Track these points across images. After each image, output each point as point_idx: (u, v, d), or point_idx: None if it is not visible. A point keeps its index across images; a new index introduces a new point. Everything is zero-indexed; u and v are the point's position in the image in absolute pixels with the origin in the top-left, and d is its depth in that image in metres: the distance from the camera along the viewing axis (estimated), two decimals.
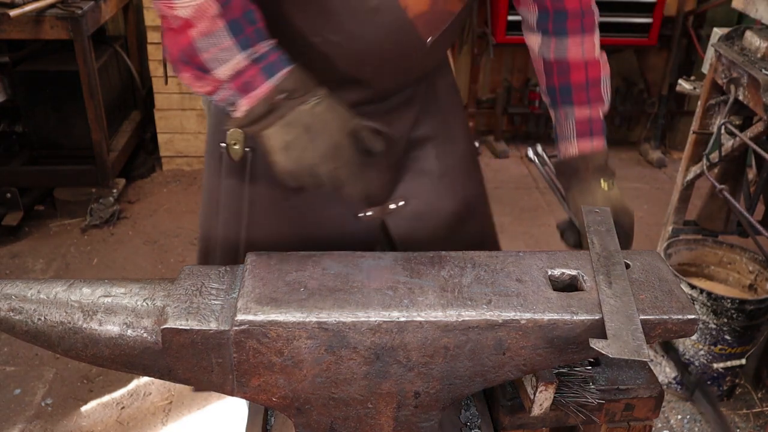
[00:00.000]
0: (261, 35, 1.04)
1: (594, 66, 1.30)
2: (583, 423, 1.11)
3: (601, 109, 1.31)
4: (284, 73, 1.03)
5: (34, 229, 3.52)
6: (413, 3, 1.13)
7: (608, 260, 1.01)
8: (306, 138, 1.02)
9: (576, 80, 1.29)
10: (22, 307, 0.91)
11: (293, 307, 0.89)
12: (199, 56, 1.01)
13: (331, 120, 1.05)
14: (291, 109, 1.02)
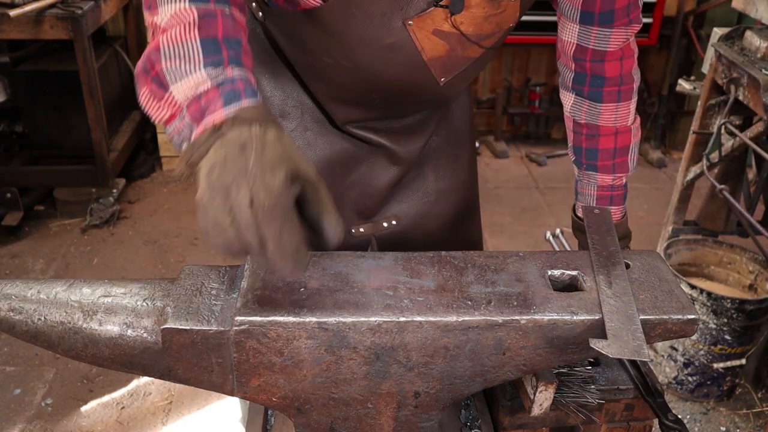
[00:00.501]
0: (237, 62, 0.89)
1: (625, 134, 1.27)
2: (583, 423, 1.11)
3: (625, 177, 1.30)
4: (245, 105, 0.84)
5: (34, 229, 3.52)
6: (429, 47, 1.10)
7: (608, 260, 1.01)
8: (236, 154, 0.79)
9: (604, 146, 1.27)
10: (22, 307, 0.91)
11: (293, 306, 0.89)
12: (161, 63, 0.87)
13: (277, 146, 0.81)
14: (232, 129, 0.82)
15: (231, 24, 0.91)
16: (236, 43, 0.91)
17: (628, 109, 1.26)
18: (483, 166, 4.51)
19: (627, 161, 1.28)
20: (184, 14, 0.88)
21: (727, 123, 2.33)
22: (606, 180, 1.29)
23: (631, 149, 1.29)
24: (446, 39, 1.09)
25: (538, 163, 4.53)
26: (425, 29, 1.07)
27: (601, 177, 1.29)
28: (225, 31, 0.90)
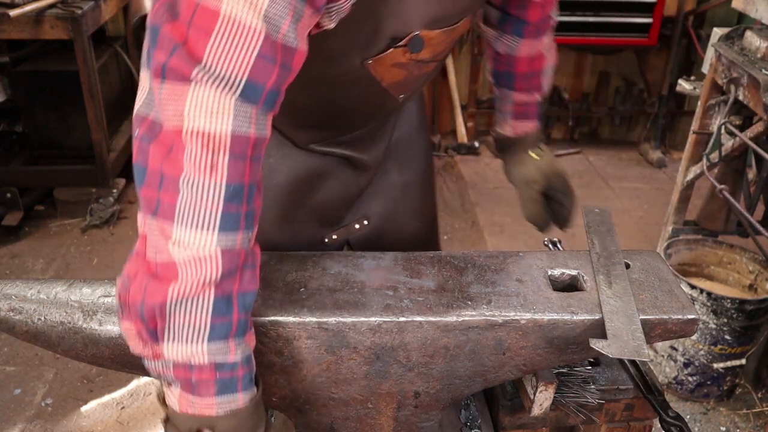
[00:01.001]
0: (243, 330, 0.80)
1: (539, 59, 1.35)
2: (583, 423, 1.11)
3: (539, 95, 1.39)
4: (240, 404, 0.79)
5: (34, 229, 3.52)
6: (389, 76, 1.11)
7: (608, 260, 1.01)
8: None
9: (520, 71, 1.36)
10: (22, 307, 0.91)
11: (293, 307, 0.89)
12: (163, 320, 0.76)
13: None
14: None
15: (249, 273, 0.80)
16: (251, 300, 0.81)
17: (544, 41, 1.34)
18: (483, 166, 4.51)
19: (541, 83, 1.38)
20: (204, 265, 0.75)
21: (727, 123, 2.33)
22: (521, 97, 1.39)
23: (545, 71, 1.38)
24: (404, 68, 1.10)
25: None
26: (384, 65, 1.07)
27: (516, 95, 1.39)
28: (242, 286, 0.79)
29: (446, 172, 4.41)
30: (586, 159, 4.66)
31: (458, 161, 4.55)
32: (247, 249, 0.80)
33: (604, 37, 4.26)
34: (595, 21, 4.19)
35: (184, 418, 0.79)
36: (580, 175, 4.42)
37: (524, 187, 1.35)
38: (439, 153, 4.61)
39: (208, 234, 0.75)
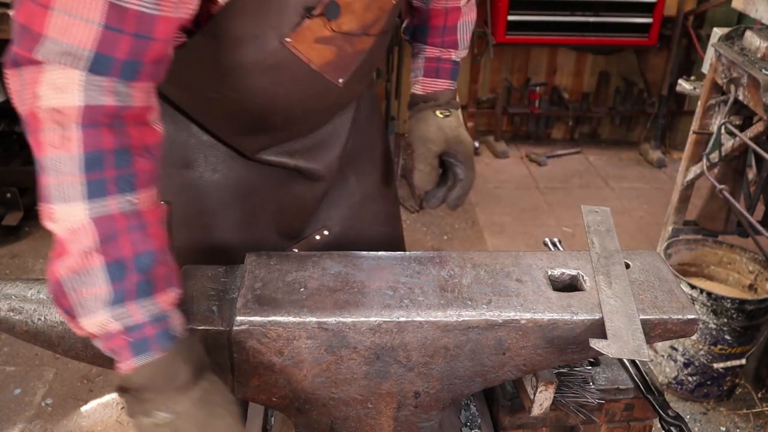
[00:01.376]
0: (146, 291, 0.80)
1: (455, 12, 1.31)
2: (583, 423, 1.11)
3: (454, 53, 1.33)
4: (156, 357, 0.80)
5: (34, 229, 3.52)
6: (317, 55, 1.04)
7: (608, 260, 1.01)
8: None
9: (434, 23, 1.31)
10: (22, 307, 0.91)
11: (293, 307, 0.89)
12: (66, 298, 0.79)
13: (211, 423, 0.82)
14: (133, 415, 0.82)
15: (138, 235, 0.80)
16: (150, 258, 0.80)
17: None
18: (483, 166, 4.51)
19: (457, 39, 1.32)
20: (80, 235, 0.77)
21: (727, 123, 2.33)
22: (434, 52, 1.32)
23: (461, 27, 1.32)
24: (331, 43, 1.04)
25: (538, 163, 4.53)
26: (306, 41, 1.01)
27: (429, 49, 1.33)
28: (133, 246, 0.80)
29: None
30: (586, 159, 4.66)
31: None
32: (129, 211, 0.79)
33: (604, 37, 4.26)
34: (595, 21, 4.19)
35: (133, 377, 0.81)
36: (580, 175, 4.42)
37: (420, 146, 1.25)
38: None
39: (76, 205, 0.77)
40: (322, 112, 1.22)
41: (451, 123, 1.27)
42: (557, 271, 1.01)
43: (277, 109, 1.12)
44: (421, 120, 1.29)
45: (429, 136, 1.25)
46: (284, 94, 1.09)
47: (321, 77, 1.09)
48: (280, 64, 1.02)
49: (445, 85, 1.33)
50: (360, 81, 1.23)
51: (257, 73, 1.03)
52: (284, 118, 1.16)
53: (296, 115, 1.16)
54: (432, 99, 1.31)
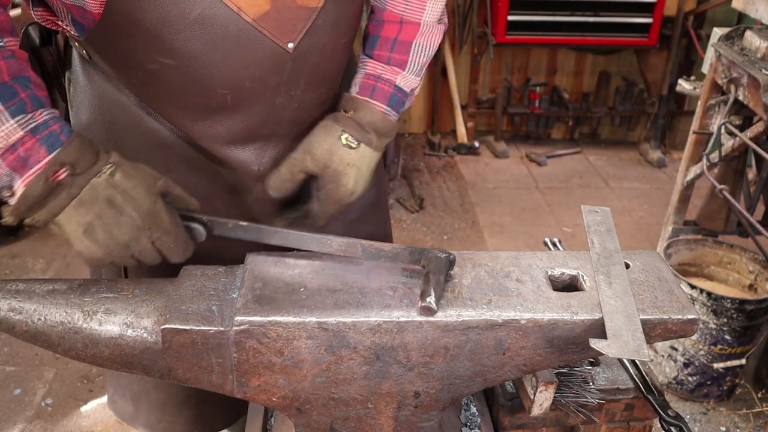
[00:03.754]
0: (40, 103, 0.89)
1: (411, 26, 1.16)
2: (583, 423, 1.11)
3: (400, 77, 1.17)
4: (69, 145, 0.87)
5: (34, 229, 3.52)
6: (247, 4, 0.95)
7: (608, 260, 1.01)
8: (111, 213, 0.88)
9: (385, 34, 1.17)
10: (22, 307, 0.91)
11: (293, 307, 0.89)
12: None
13: (135, 186, 0.90)
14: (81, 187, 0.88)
15: (14, 64, 0.88)
16: (27, 81, 0.88)
17: (423, 3, 1.15)
18: (483, 166, 4.51)
19: (407, 60, 1.16)
20: None
21: (727, 123, 2.33)
22: (375, 68, 1.17)
23: (416, 47, 1.16)
24: None
25: (538, 163, 4.53)
26: None
27: (371, 64, 1.17)
28: (10, 71, 0.87)
29: (446, 172, 4.41)
30: (586, 159, 4.66)
31: (458, 161, 4.55)
32: None
33: (604, 37, 4.26)
34: (595, 21, 4.20)
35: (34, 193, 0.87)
36: (580, 175, 4.42)
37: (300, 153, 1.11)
38: (439, 153, 4.61)
39: None
40: (281, 92, 1.08)
41: (347, 158, 1.11)
42: (557, 271, 1.01)
43: (220, 79, 1.01)
44: (324, 129, 1.12)
45: (314, 152, 1.11)
46: (222, 57, 0.99)
47: (262, 37, 0.99)
48: (206, 16, 0.94)
49: (380, 109, 1.15)
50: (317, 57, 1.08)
51: (184, 30, 0.95)
52: (233, 94, 1.04)
53: (246, 88, 1.04)
54: (351, 109, 1.14)
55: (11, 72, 0.87)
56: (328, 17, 1.05)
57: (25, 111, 0.86)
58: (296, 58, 1.05)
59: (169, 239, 0.92)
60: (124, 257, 0.91)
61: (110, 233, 0.89)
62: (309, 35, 1.04)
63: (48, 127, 0.87)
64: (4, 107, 0.84)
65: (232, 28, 0.96)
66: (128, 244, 0.90)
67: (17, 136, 0.85)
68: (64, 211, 0.88)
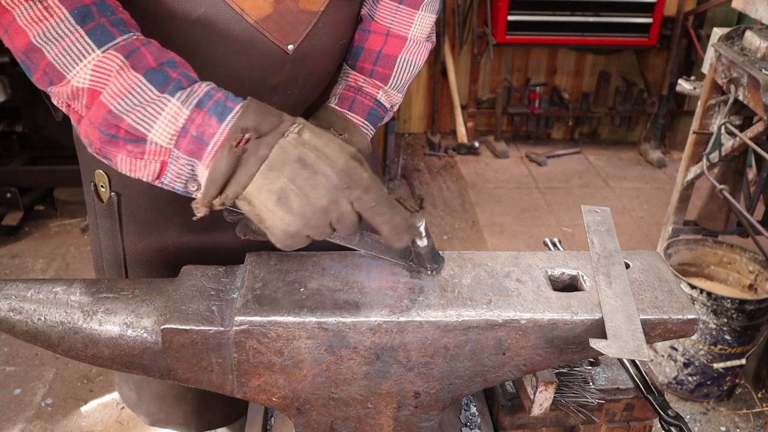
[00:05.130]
0: (192, 78, 0.84)
1: (397, 41, 1.14)
2: (583, 423, 1.11)
3: (381, 92, 1.15)
4: (240, 109, 0.81)
5: (34, 229, 3.52)
6: (251, 6, 0.96)
7: (608, 260, 1.01)
8: (305, 174, 0.78)
9: (370, 46, 1.14)
10: (22, 307, 0.91)
11: (293, 307, 0.89)
12: (124, 120, 0.80)
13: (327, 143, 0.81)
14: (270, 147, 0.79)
15: (155, 48, 0.84)
16: (173, 62, 0.84)
17: (411, 16, 1.13)
18: (483, 166, 4.51)
19: (390, 74, 1.14)
20: (107, 63, 0.80)
21: (727, 123, 2.33)
22: (357, 80, 1.14)
23: (400, 63, 1.14)
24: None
25: (538, 163, 4.53)
26: None
27: (353, 75, 1.15)
28: (155, 57, 0.83)
29: (446, 172, 4.41)
30: (586, 159, 4.66)
31: (458, 161, 4.55)
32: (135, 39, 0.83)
33: (604, 37, 4.27)
34: (595, 21, 4.20)
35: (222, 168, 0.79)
36: (580, 175, 4.42)
37: None
38: (439, 153, 4.62)
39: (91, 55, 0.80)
40: (277, 91, 1.08)
41: None
42: (557, 271, 1.01)
43: (221, 77, 0.98)
44: None
45: None
46: (223, 56, 0.99)
47: (264, 38, 0.99)
48: (210, 15, 0.95)
49: (357, 123, 1.12)
50: (316, 61, 1.09)
51: (187, 28, 0.95)
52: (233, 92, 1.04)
53: (244, 87, 1.02)
54: (344, 131, 1.09)
55: (155, 56, 0.83)
56: (328, 20, 1.06)
57: (183, 87, 0.81)
58: (295, 60, 1.06)
59: (370, 198, 0.80)
60: (323, 226, 0.81)
61: (306, 197, 0.78)
62: (309, 38, 1.05)
63: (211, 97, 0.81)
64: (161, 91, 0.80)
65: (234, 28, 0.97)
66: (327, 208, 0.79)
67: (184, 115, 0.80)
68: (254, 180, 0.79)
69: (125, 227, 1.18)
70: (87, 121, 0.83)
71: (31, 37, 0.80)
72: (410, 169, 4.41)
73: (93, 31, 0.80)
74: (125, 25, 0.84)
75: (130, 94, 0.80)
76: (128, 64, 0.80)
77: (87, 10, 0.81)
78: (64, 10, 0.80)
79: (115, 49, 0.81)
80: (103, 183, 1.13)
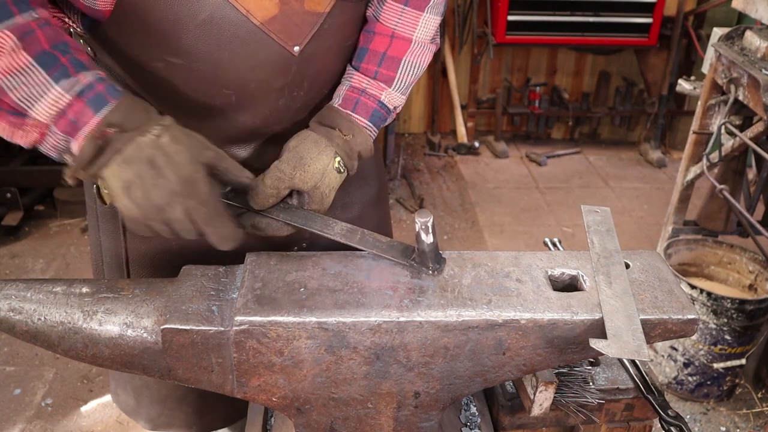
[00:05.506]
0: (81, 65, 0.89)
1: (402, 42, 1.14)
2: (583, 423, 1.11)
3: (385, 93, 1.15)
4: (115, 103, 0.88)
5: (34, 229, 3.52)
6: (256, 7, 0.97)
7: (608, 260, 1.01)
8: (150, 174, 0.87)
9: (375, 47, 1.15)
10: (22, 307, 0.91)
11: (293, 307, 0.89)
12: (8, 95, 0.86)
13: (180, 151, 0.89)
14: (128, 142, 0.88)
15: (50, 31, 0.89)
16: (65, 46, 0.89)
17: (416, 18, 1.13)
18: (483, 166, 4.51)
19: (395, 76, 1.15)
20: (1, 42, 0.84)
21: (727, 123, 2.33)
22: (361, 82, 1.14)
23: (404, 65, 1.15)
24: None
25: (538, 163, 4.53)
26: None
27: (357, 77, 1.15)
28: (48, 40, 0.88)
29: (446, 172, 4.41)
30: (586, 159, 4.66)
31: (458, 161, 4.55)
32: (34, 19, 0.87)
33: (604, 37, 4.26)
34: (595, 21, 4.20)
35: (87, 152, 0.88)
36: (580, 175, 4.42)
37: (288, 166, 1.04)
38: (439, 153, 4.62)
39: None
40: (278, 92, 1.08)
41: (334, 182, 1.08)
42: (557, 271, 1.01)
43: (227, 79, 1.02)
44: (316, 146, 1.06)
45: (306, 169, 1.04)
46: (229, 58, 1.00)
47: (269, 39, 1.00)
48: (215, 17, 0.96)
49: (362, 123, 1.13)
50: (322, 62, 1.10)
51: (193, 30, 0.96)
52: (237, 95, 1.05)
53: (248, 90, 1.05)
54: (349, 132, 1.09)
55: (49, 39, 0.88)
56: (334, 22, 1.06)
57: (68, 75, 0.87)
58: (301, 61, 1.06)
59: (203, 211, 0.89)
60: (157, 221, 0.89)
61: (147, 193, 0.87)
62: (315, 39, 1.05)
63: (92, 89, 0.88)
64: (48, 76, 0.86)
65: (240, 30, 0.98)
66: (162, 208, 0.88)
67: (65, 101, 0.87)
68: (110, 166, 0.89)
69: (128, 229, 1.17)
70: None
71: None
72: (410, 169, 4.41)
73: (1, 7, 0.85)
74: (28, 2, 0.88)
75: (18, 73, 0.85)
76: (20, 45, 0.85)
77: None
78: None
79: (10, 28, 0.84)
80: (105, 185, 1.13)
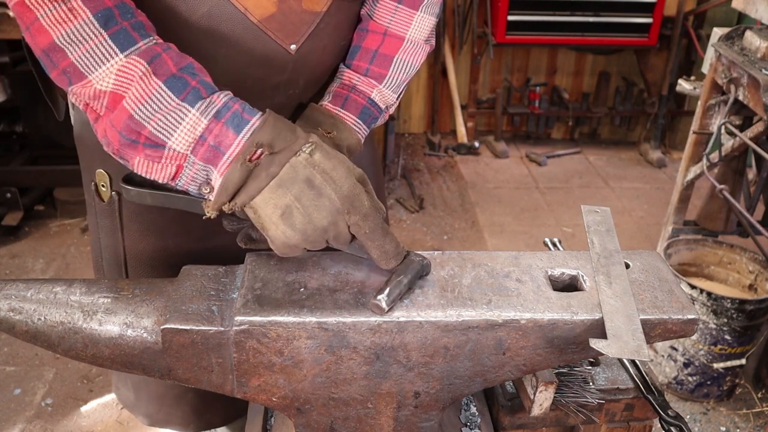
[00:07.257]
0: (212, 87, 0.87)
1: (394, 40, 1.14)
2: (583, 423, 1.11)
3: (376, 91, 1.14)
4: (256, 122, 0.84)
5: (34, 229, 3.52)
6: (254, 5, 0.97)
7: (608, 260, 1.01)
8: (310, 195, 0.83)
9: (366, 45, 1.14)
10: (22, 307, 0.91)
11: (293, 307, 0.89)
12: (145, 127, 0.83)
13: (335, 166, 0.85)
14: (281, 165, 0.83)
15: (175, 54, 0.87)
16: (192, 68, 0.87)
17: (410, 17, 1.13)
18: (483, 166, 4.51)
19: (386, 74, 1.14)
20: (131, 68, 0.82)
21: (727, 123, 2.33)
22: (351, 79, 1.14)
23: (396, 63, 1.14)
24: None
25: (538, 163, 4.53)
26: None
27: (348, 74, 1.15)
28: (175, 63, 0.86)
29: (446, 172, 4.41)
30: (586, 159, 4.66)
31: (458, 161, 4.55)
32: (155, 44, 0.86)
33: (604, 37, 4.27)
34: (595, 21, 4.20)
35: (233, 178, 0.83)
36: (580, 175, 4.42)
37: None
38: (439, 153, 4.62)
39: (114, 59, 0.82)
40: (274, 89, 1.09)
41: None
42: (557, 271, 1.01)
43: (223, 76, 1.00)
44: None
45: None
46: (225, 54, 1.00)
47: (266, 37, 1.00)
48: (214, 13, 0.96)
49: (348, 121, 1.12)
50: (318, 60, 1.10)
51: (191, 25, 0.96)
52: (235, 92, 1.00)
53: (246, 86, 1.04)
54: (332, 129, 1.08)
55: (175, 63, 0.85)
56: (330, 21, 1.07)
57: (201, 97, 0.84)
58: (297, 60, 1.06)
59: (366, 225, 0.86)
60: (320, 242, 0.87)
61: (309, 217, 0.84)
62: (311, 38, 1.05)
63: (229, 108, 0.85)
64: (182, 100, 0.83)
65: (238, 27, 0.98)
66: (326, 229, 0.85)
67: (203, 125, 0.83)
68: (262, 193, 0.84)
69: (126, 227, 1.18)
70: (108, 123, 0.85)
71: (54, 37, 0.81)
72: (410, 169, 4.41)
73: (116, 35, 0.83)
74: (145, 28, 0.87)
75: (150, 100, 0.83)
76: (150, 70, 0.83)
77: (110, 13, 0.83)
78: (88, 12, 0.82)
79: (138, 54, 0.83)
80: (103, 182, 1.14)
